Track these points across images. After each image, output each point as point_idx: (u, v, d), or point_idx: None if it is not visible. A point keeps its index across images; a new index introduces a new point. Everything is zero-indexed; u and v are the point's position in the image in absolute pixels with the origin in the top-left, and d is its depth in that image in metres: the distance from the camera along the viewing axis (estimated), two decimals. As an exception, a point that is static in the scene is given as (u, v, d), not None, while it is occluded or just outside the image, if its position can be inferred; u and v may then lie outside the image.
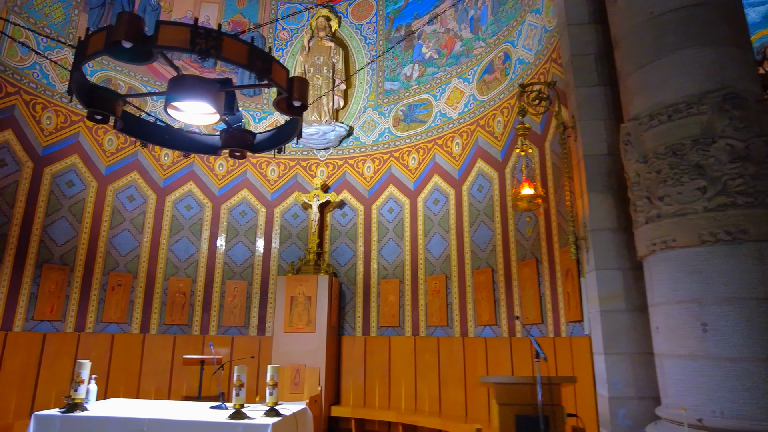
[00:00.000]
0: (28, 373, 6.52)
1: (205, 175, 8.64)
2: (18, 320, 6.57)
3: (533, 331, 6.04)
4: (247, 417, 3.73)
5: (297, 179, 9.01)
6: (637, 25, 3.93)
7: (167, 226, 8.20)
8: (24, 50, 6.89)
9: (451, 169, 7.80)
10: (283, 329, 7.61)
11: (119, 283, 7.59)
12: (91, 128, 7.63)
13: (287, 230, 8.80)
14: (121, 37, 3.58)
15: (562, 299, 5.51)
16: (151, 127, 5.08)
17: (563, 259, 5.44)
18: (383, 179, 8.63)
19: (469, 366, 6.89)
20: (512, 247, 6.57)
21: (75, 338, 7.07)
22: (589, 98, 4.86)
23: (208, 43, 3.75)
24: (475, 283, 7.06)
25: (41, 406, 6.55)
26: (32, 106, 6.94)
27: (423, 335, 7.60)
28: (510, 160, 6.78)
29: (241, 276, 8.47)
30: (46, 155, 7.11)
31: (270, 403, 3.93)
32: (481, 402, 6.58)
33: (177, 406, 4.37)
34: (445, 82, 8.18)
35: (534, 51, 6.43)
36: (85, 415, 3.84)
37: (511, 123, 6.82)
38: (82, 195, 7.46)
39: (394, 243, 8.27)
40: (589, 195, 4.65)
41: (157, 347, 7.72)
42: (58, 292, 6.98)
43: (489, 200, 7.08)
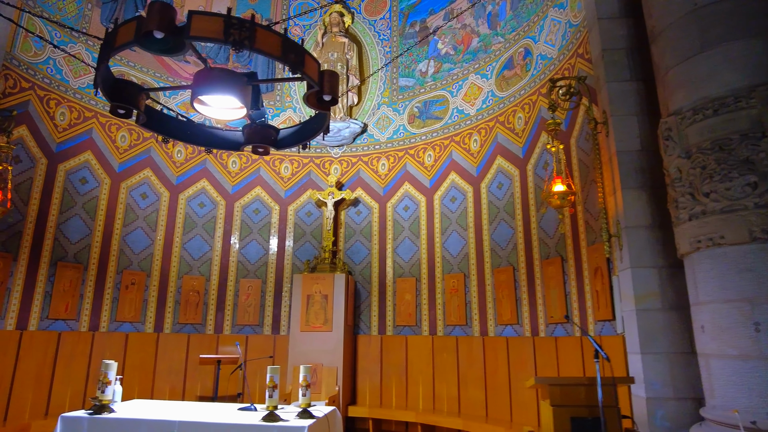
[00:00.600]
0: (43, 372, 6.42)
1: (219, 173, 8.53)
2: (33, 319, 6.46)
3: (558, 331, 5.96)
4: (281, 419, 3.64)
5: (310, 177, 8.91)
6: (679, 18, 3.84)
7: (180, 223, 8.10)
8: (38, 45, 6.78)
9: (468, 167, 7.70)
10: (299, 328, 7.51)
11: (133, 282, 7.49)
12: (104, 124, 7.52)
13: (301, 228, 8.70)
14: (154, 27, 3.49)
15: (590, 298, 5.43)
16: (173, 122, 4.99)
17: (591, 257, 5.35)
18: (398, 177, 8.54)
19: (489, 366, 6.81)
20: (535, 245, 6.48)
21: (89, 337, 6.97)
22: (622, 93, 4.78)
23: (241, 34, 3.67)
24: (495, 282, 6.97)
25: (56, 406, 6.47)
26: (46, 101, 6.83)
27: (441, 334, 7.51)
28: (532, 156, 6.69)
29: (255, 274, 8.38)
30: (60, 151, 7.00)
31: (303, 404, 3.83)
32: (503, 402, 6.50)
33: (204, 408, 4.27)
34: (461, 78, 8.08)
35: (557, 46, 6.33)
36: (113, 417, 3.74)
37: (533, 119, 6.73)
38: (96, 192, 7.35)
39: (410, 241, 8.18)
40: (622, 192, 4.57)
41: (171, 347, 7.62)
42: (72, 291, 6.88)
43: (509, 198, 6.99)
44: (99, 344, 7.02)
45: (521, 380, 6.31)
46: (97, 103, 7.46)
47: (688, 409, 4.01)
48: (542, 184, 6.46)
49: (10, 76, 6.36)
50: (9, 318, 6.22)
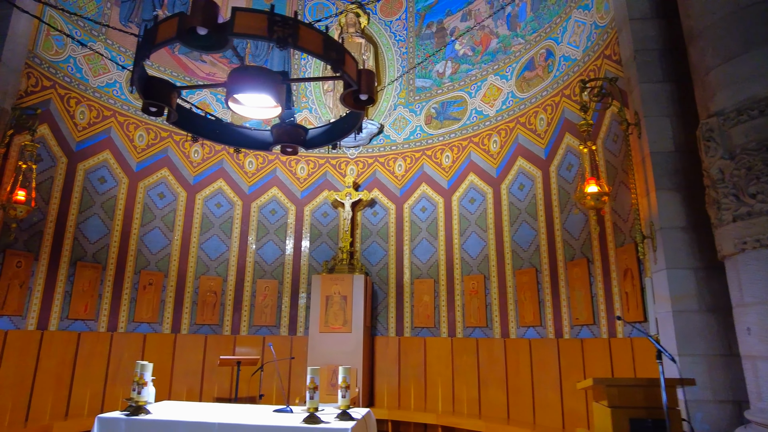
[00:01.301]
0: (63, 373, 6.38)
1: (235, 173, 8.50)
2: (53, 319, 6.42)
3: (583, 332, 5.94)
4: (322, 421, 3.60)
5: (327, 177, 8.88)
6: (721, 18, 3.82)
7: (198, 223, 8.06)
8: (59, 43, 6.74)
9: (488, 168, 7.68)
10: (318, 329, 7.47)
11: (150, 282, 7.45)
12: (122, 123, 7.48)
13: (317, 229, 8.66)
14: (198, 23, 3.46)
15: (619, 300, 5.40)
16: (203, 120, 4.97)
17: (621, 259, 5.33)
18: (415, 177, 8.51)
19: (511, 368, 6.77)
20: (559, 247, 6.46)
21: (108, 338, 6.92)
22: (654, 95, 4.76)
23: (285, 31, 3.65)
24: (517, 284, 6.94)
25: (76, 407, 6.42)
26: (66, 100, 6.79)
27: (460, 336, 7.48)
28: (555, 158, 6.66)
29: (272, 275, 8.34)
30: (79, 150, 6.96)
31: (342, 405, 3.79)
32: (525, 404, 6.47)
33: (239, 410, 4.23)
34: (480, 79, 8.06)
35: (582, 47, 6.32)
36: (151, 419, 3.70)
37: (556, 120, 6.71)
38: (114, 192, 7.31)
39: (428, 242, 8.15)
40: (657, 193, 4.55)
41: (188, 347, 7.57)
42: (91, 291, 6.83)
43: (531, 199, 6.96)
44: (117, 345, 6.98)
45: (545, 382, 6.29)
46: (116, 102, 7.43)
47: (728, 412, 3.98)
48: (566, 185, 6.45)
49: (32, 74, 6.33)
50: (30, 318, 6.17)
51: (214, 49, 3.72)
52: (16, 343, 5.92)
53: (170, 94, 4.30)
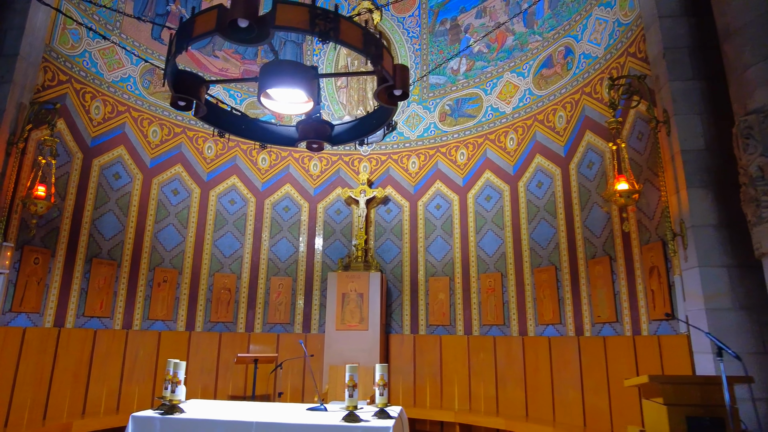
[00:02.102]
0: (80, 371, 6.31)
1: (249, 170, 8.44)
2: (70, 317, 6.34)
3: (605, 330, 5.93)
4: (362, 419, 3.57)
5: (339, 174, 8.83)
6: (760, 16, 3.82)
7: (211, 220, 7.99)
8: (75, 38, 6.65)
9: (505, 165, 7.66)
10: (335, 327, 7.44)
11: (165, 279, 7.38)
12: (136, 119, 7.40)
13: (331, 226, 8.62)
14: (240, 15, 3.43)
15: (643, 297, 5.40)
16: (229, 116, 4.93)
17: (646, 257, 5.32)
18: (429, 175, 8.48)
19: (529, 365, 6.77)
20: (579, 245, 6.45)
21: (123, 336, 6.85)
22: (684, 92, 4.76)
23: (327, 24, 3.61)
24: (535, 282, 6.93)
25: (93, 405, 6.37)
26: (82, 95, 6.71)
27: (477, 334, 7.47)
28: (575, 155, 6.65)
29: (286, 272, 8.29)
30: (95, 146, 6.88)
31: (380, 404, 3.77)
32: (545, 401, 6.46)
33: (271, 408, 4.19)
34: (496, 77, 8.04)
35: (603, 45, 6.31)
36: (187, 418, 3.65)
37: (576, 118, 6.70)
38: (128, 188, 7.24)
39: (443, 240, 8.12)
40: (688, 191, 4.55)
41: (203, 345, 7.52)
42: (106, 288, 6.76)
43: (550, 197, 6.95)
44: (132, 343, 6.91)
45: (565, 380, 6.29)
46: (130, 97, 7.35)
47: (764, 410, 3.98)
48: (587, 183, 6.44)
49: (49, 68, 6.24)
50: (47, 315, 6.10)
51: (253, 43, 3.68)
52: (35, 341, 5.84)
53: (199, 88, 4.25)
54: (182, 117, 7.94)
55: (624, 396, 5.39)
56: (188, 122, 7.99)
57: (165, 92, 7.80)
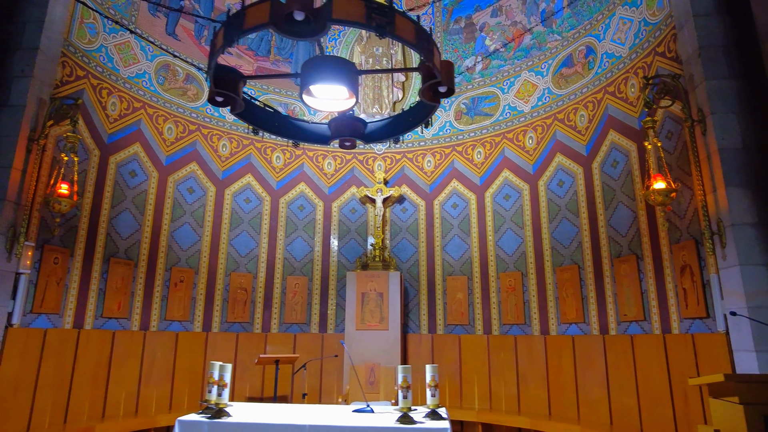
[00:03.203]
0: (99, 373, 6.17)
1: (263, 168, 8.33)
2: (88, 317, 6.20)
3: (632, 329, 5.95)
4: (416, 421, 3.52)
5: (354, 173, 8.77)
6: (808, 15, 3.83)
7: (227, 219, 7.88)
8: (92, 32, 6.50)
9: (524, 164, 7.66)
10: (354, 326, 7.37)
11: (181, 279, 7.25)
12: (151, 115, 7.26)
13: (346, 225, 8.55)
14: (297, 7, 3.37)
15: (674, 296, 5.42)
16: (262, 113, 4.84)
17: (677, 255, 5.34)
18: (445, 174, 8.45)
19: (552, 364, 6.77)
20: (603, 244, 6.45)
21: (141, 337, 6.72)
22: (721, 91, 4.77)
23: (383, 19, 3.57)
24: (557, 281, 6.93)
25: (112, 407, 6.24)
26: (99, 90, 6.56)
27: (497, 333, 7.45)
28: (598, 155, 6.66)
29: (302, 272, 8.20)
30: (111, 143, 6.74)
31: (432, 405, 3.72)
32: (569, 400, 6.47)
33: (317, 411, 4.12)
34: (513, 75, 8.03)
35: (628, 45, 6.32)
36: (236, 422, 3.56)
37: (599, 117, 6.71)
38: (144, 186, 7.10)
39: (460, 239, 8.10)
40: (726, 190, 4.56)
41: (219, 346, 7.41)
42: (124, 288, 6.63)
43: (572, 196, 6.96)
44: (150, 344, 6.78)
45: (590, 378, 6.29)
46: (145, 93, 7.21)
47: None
48: (611, 182, 6.46)
49: (67, 63, 6.09)
50: (67, 316, 5.96)
51: (307, 36, 3.61)
52: (55, 343, 5.70)
53: (237, 84, 4.18)
54: (196, 114, 7.82)
55: (654, 394, 5.41)
56: (202, 119, 7.87)
57: (179, 88, 7.68)
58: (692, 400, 4.96)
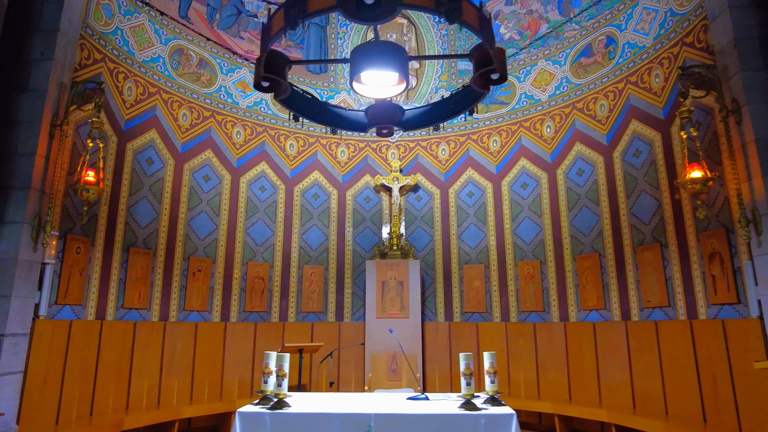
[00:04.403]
0: (122, 364, 6.05)
1: (277, 156, 8.21)
2: (110, 309, 6.06)
3: (656, 315, 6.07)
4: (478, 408, 3.54)
5: (367, 161, 8.70)
6: None
7: (243, 208, 7.76)
8: (108, 13, 6.27)
9: (541, 153, 7.70)
10: (375, 315, 7.37)
11: (199, 269, 7.14)
12: (166, 101, 7.07)
13: (360, 214, 8.50)
14: (367, -10, 3.29)
15: (700, 283, 5.53)
16: (301, 99, 4.76)
17: (705, 243, 5.45)
18: (460, 162, 8.45)
19: (572, 351, 6.88)
20: (625, 232, 6.55)
21: (161, 328, 6.61)
22: (757, 82, 4.86)
23: (451, 4, 3.53)
24: (577, 268, 7.03)
25: (135, 399, 6.14)
26: (115, 75, 6.35)
27: (515, 321, 7.54)
28: (620, 144, 6.73)
29: (317, 260, 8.15)
30: (128, 129, 6.54)
31: (491, 392, 3.75)
32: (590, 385, 6.59)
33: (372, 398, 4.11)
34: (529, 64, 8.03)
35: (652, 35, 6.37)
36: (299, 412, 3.53)
37: (620, 107, 6.77)
38: (161, 173, 6.94)
39: (476, 228, 8.13)
40: (764, 179, 4.66)
41: (238, 336, 7.33)
42: (143, 279, 6.49)
43: (593, 184, 7.03)
44: (170, 335, 6.68)
45: (611, 364, 6.42)
46: (159, 78, 7.01)
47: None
48: (633, 171, 6.54)
49: (85, 46, 5.86)
50: (89, 307, 5.81)
51: (374, 21, 3.55)
52: (79, 335, 5.56)
53: (284, 68, 4.09)
54: (210, 100, 7.64)
55: (680, 379, 5.54)
56: (216, 105, 7.70)
57: (192, 74, 7.49)
58: (722, 384, 5.10)
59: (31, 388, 4.89)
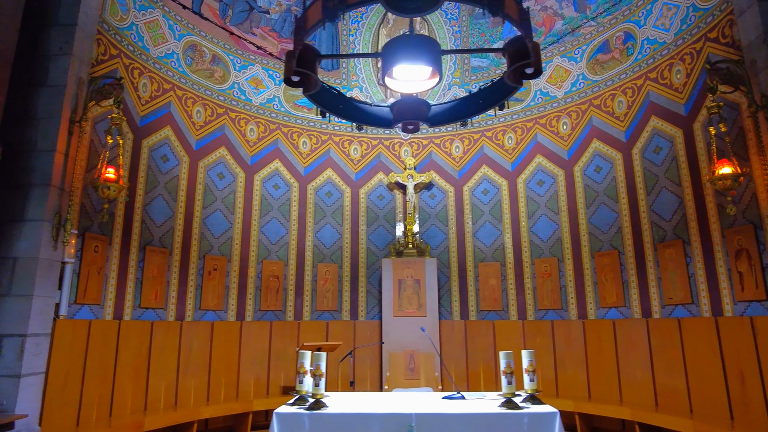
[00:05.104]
0: (140, 365, 5.96)
1: (290, 153, 8.13)
2: (127, 308, 5.97)
3: (678, 311, 6.04)
4: (521, 406, 3.49)
5: (380, 159, 8.64)
6: None
7: (257, 206, 7.68)
8: (123, 8, 6.16)
9: (558, 150, 7.66)
10: (392, 313, 7.31)
11: (215, 267, 7.05)
12: (180, 97, 6.98)
13: (373, 212, 8.44)
14: (412, -15, 3.24)
15: (726, 279, 5.51)
16: (327, 94, 4.70)
17: (731, 240, 5.42)
18: (475, 159, 8.40)
19: (591, 348, 6.85)
20: (645, 229, 6.52)
21: (177, 327, 6.52)
22: (786, 77, 4.82)
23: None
24: (596, 266, 6.99)
25: (153, 400, 6.06)
26: (131, 70, 6.25)
27: (531, 319, 7.50)
28: (639, 140, 6.70)
29: (331, 259, 8.08)
30: (143, 126, 6.45)
31: (530, 390, 3.69)
32: (610, 382, 6.56)
33: (409, 398, 4.05)
34: (545, 61, 7.97)
35: (673, 31, 6.33)
36: (338, 413, 3.46)
37: (639, 103, 6.74)
38: (176, 171, 6.84)
39: (492, 225, 8.08)
40: (795, 175, 4.63)
41: (253, 335, 7.25)
42: (160, 278, 6.40)
43: (611, 181, 7.00)
44: (186, 334, 6.59)
45: (632, 361, 6.39)
46: (174, 74, 6.91)
47: None
48: (654, 168, 6.51)
49: (102, 41, 5.76)
50: (107, 307, 5.71)
51: (420, 12, 3.52)
52: (98, 334, 5.46)
53: (315, 62, 4.03)
54: (223, 97, 7.55)
55: (705, 376, 5.51)
56: (230, 102, 7.61)
57: (206, 70, 7.40)
58: (750, 381, 5.07)
59: (52, 389, 4.79)
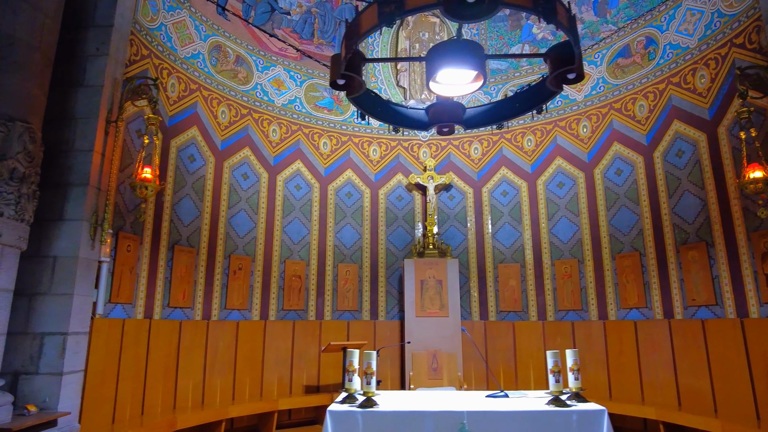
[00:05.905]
0: (169, 364, 6.00)
1: (311, 154, 8.18)
2: (157, 307, 6.01)
3: (701, 313, 6.13)
4: (569, 404, 3.56)
5: (399, 160, 8.70)
6: None
7: (280, 206, 7.72)
8: (153, 9, 6.20)
9: (578, 152, 7.74)
10: (415, 313, 7.36)
11: (240, 267, 7.09)
12: (206, 98, 7.02)
13: (393, 213, 8.50)
14: (469, -12, 3.29)
15: (751, 281, 5.59)
16: (367, 97, 4.75)
17: (756, 242, 5.51)
18: (494, 161, 8.47)
19: (612, 349, 6.93)
20: (667, 231, 6.60)
21: (204, 326, 6.56)
22: (816, 83, 4.92)
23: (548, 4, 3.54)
24: (617, 267, 7.08)
25: (182, 399, 6.10)
26: (160, 71, 6.29)
27: (552, 320, 7.57)
28: (660, 144, 6.79)
29: (351, 259, 8.13)
30: (171, 126, 6.48)
31: (575, 388, 3.76)
32: (631, 383, 6.64)
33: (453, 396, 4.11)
34: (564, 65, 8.05)
35: (697, 36, 6.42)
36: (391, 411, 3.51)
37: (660, 107, 6.82)
38: (202, 171, 6.88)
39: (511, 227, 8.16)
40: (825, 179, 4.72)
41: (276, 334, 7.30)
42: (187, 277, 6.44)
43: (632, 184, 7.08)
44: (213, 334, 6.64)
45: (654, 362, 6.47)
46: (200, 75, 6.95)
47: None
48: (676, 171, 6.60)
49: (134, 42, 5.80)
50: (138, 306, 5.75)
51: (473, 19, 3.55)
52: (131, 333, 5.50)
53: (361, 65, 4.08)
54: (247, 98, 7.60)
55: (730, 377, 5.60)
56: (253, 103, 7.65)
57: (230, 71, 7.44)
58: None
59: (90, 387, 4.82)
